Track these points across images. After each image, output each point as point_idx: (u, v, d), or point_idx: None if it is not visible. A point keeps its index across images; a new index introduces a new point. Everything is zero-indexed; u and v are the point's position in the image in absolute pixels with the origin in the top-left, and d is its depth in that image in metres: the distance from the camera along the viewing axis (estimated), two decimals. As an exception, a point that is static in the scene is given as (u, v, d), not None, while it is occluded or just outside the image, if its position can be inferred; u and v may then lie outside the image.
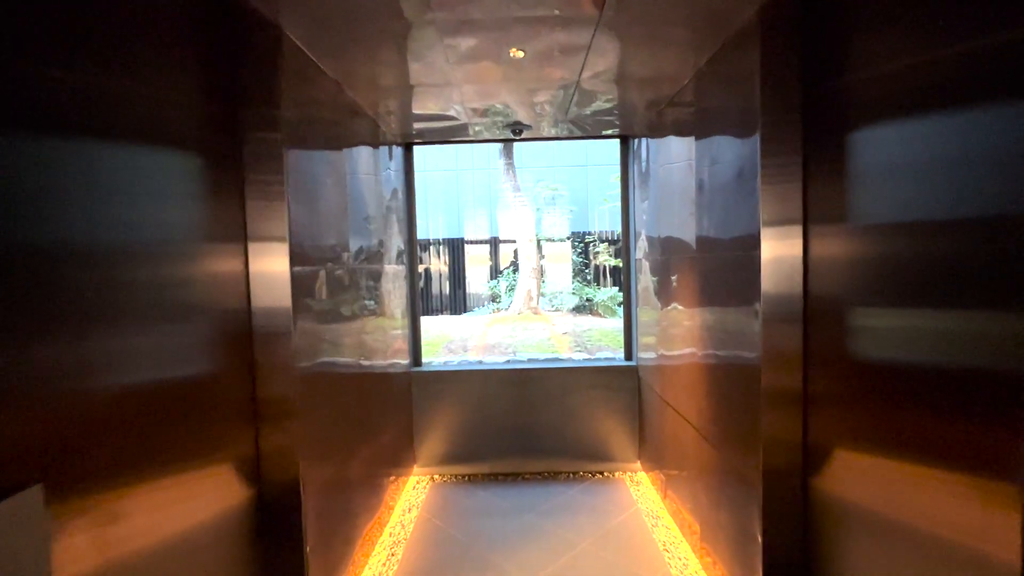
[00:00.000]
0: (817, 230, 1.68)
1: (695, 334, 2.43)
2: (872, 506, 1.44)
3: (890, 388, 1.35)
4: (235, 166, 1.67)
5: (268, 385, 1.71)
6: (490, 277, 12.60)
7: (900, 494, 1.32)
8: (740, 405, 1.94)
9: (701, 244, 2.32)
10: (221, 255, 1.58)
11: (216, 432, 1.52)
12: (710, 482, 2.29)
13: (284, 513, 1.74)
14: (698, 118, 2.37)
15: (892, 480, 1.35)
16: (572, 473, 3.54)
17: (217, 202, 1.58)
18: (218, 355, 1.54)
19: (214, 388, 1.52)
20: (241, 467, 1.65)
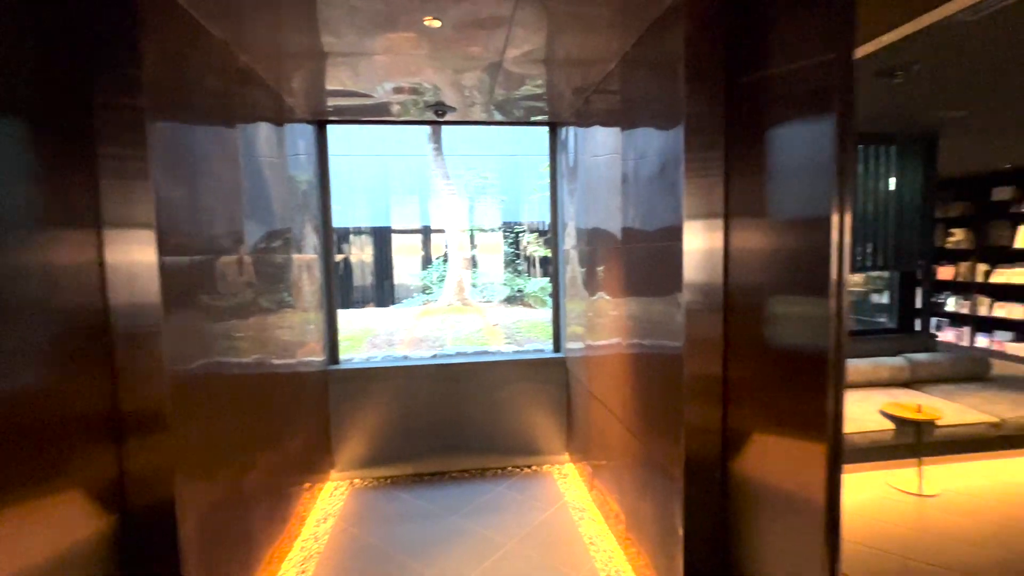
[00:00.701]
0: (736, 223, 1.68)
1: (620, 325, 2.41)
2: (773, 481, 1.54)
3: (780, 370, 1.48)
4: (85, 138, 1.37)
5: (133, 394, 1.44)
6: (422, 268, 12.25)
7: (784, 465, 1.48)
8: (663, 395, 1.93)
9: (627, 235, 2.29)
10: (63, 243, 1.29)
11: (60, 453, 1.25)
12: (634, 472, 2.28)
13: (156, 542, 1.48)
14: (624, 107, 2.32)
15: (781, 454, 1.49)
16: (500, 469, 3.46)
17: (58, 181, 1.28)
18: (61, 361, 1.26)
19: (57, 401, 1.24)
20: (97, 492, 1.37)
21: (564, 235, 3.55)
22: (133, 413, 1.45)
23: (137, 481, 1.47)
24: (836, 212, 1.23)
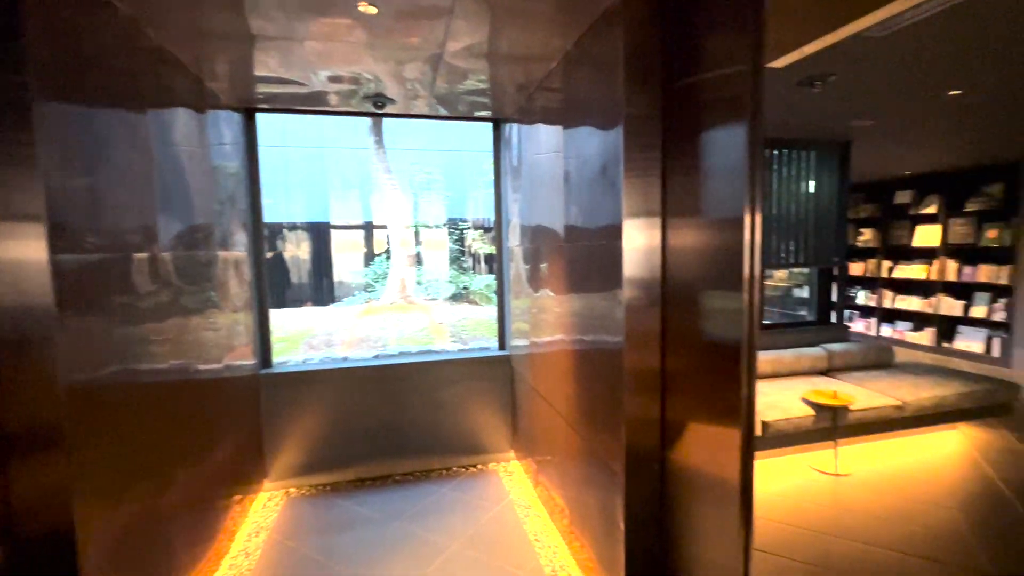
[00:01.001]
0: (673, 222, 1.73)
1: (563, 321, 2.43)
2: (701, 466, 1.63)
3: (707, 360, 1.57)
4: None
5: (18, 409, 1.27)
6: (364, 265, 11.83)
7: (709, 451, 1.58)
8: (604, 389, 1.96)
9: (569, 233, 2.31)
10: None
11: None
12: (578, 467, 2.31)
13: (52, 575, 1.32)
14: (566, 106, 2.33)
15: (707, 440, 1.59)
16: (445, 469, 3.41)
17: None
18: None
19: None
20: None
21: (508, 232, 3.54)
22: (21, 430, 1.28)
23: (28, 508, 1.30)
24: (748, 212, 1.31)
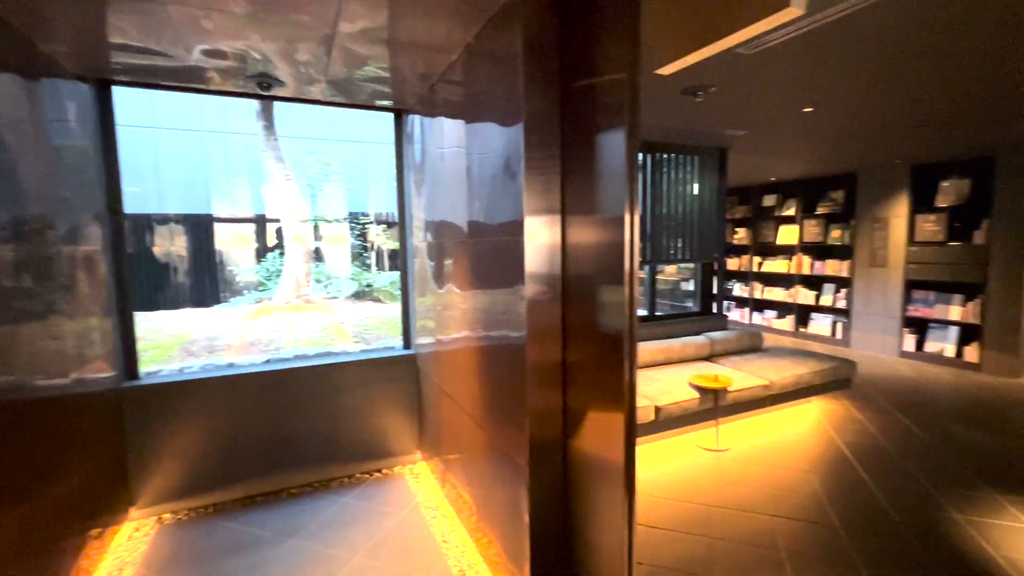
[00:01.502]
0: (572, 220, 1.78)
1: (468, 318, 2.40)
2: (595, 451, 1.71)
3: (600, 351, 1.65)
4: None
5: None
6: (256, 261, 10.81)
7: (601, 435, 1.68)
8: (509, 384, 1.97)
9: (473, 229, 2.28)
10: None
11: None
12: (484, 464, 2.31)
13: None
14: (468, 100, 2.30)
15: (600, 426, 1.68)
16: (347, 477, 3.23)
17: None
18: None
19: None
20: None
21: (412, 227, 3.43)
22: None
23: None
24: (628, 212, 1.39)
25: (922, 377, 5.53)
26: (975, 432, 3.92)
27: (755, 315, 8.41)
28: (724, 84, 2.99)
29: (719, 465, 3.41)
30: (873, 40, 2.38)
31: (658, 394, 3.53)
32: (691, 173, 4.74)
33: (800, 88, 3.11)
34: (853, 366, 4.45)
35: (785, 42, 2.36)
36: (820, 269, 7.33)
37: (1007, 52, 2.54)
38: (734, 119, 3.86)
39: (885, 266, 6.49)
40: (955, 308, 5.86)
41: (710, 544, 2.51)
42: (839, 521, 2.70)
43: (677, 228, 4.72)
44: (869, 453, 3.55)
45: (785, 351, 4.69)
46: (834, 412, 4.41)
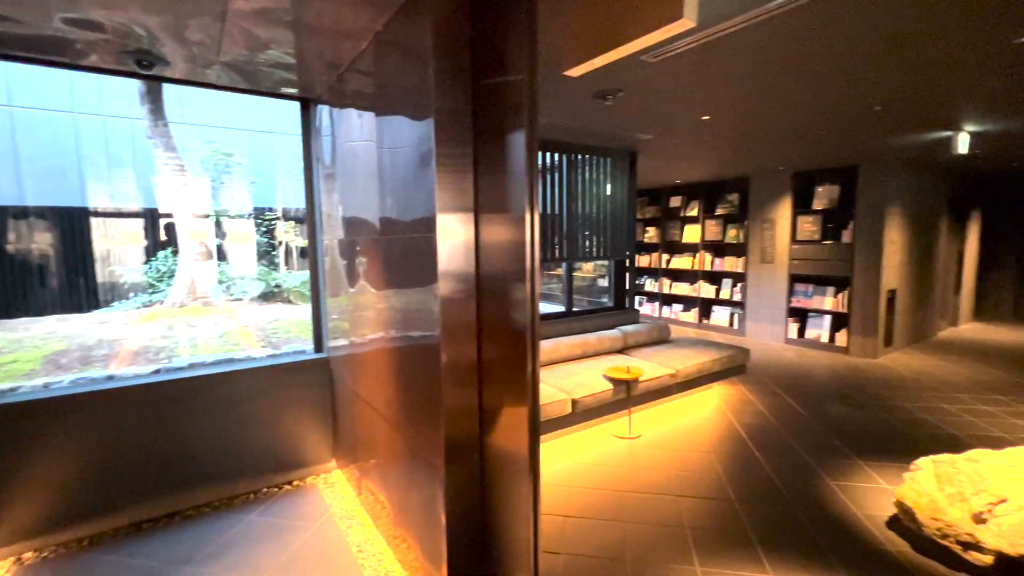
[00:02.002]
0: (485, 218, 1.77)
1: (382, 318, 2.32)
2: (506, 446, 1.74)
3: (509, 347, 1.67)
4: None
5: None
6: (144, 260, 9.66)
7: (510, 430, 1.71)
8: (424, 385, 1.93)
9: (385, 226, 2.21)
10: None
11: None
12: (401, 468, 2.24)
13: None
14: (378, 92, 2.22)
15: (510, 421, 1.71)
16: (253, 493, 3.00)
17: None
18: None
19: None
20: None
21: (322, 224, 3.25)
22: None
23: None
24: (528, 211, 1.42)
25: (803, 361, 6.22)
26: (843, 407, 4.48)
27: (665, 309, 8.98)
28: (631, 89, 3.14)
29: (632, 452, 3.60)
30: (757, 56, 2.62)
31: (575, 387, 3.65)
32: (604, 174, 4.95)
33: (698, 97, 3.35)
34: (747, 353, 4.89)
35: (683, 53, 2.52)
36: (719, 265, 7.98)
37: (861, 76, 2.91)
38: (641, 123, 4.08)
39: (773, 262, 7.21)
40: (828, 299, 6.65)
41: (623, 528, 2.63)
42: (735, 495, 2.96)
43: (592, 227, 4.90)
44: (760, 431, 3.92)
45: (690, 342, 5.05)
46: (731, 396, 4.83)
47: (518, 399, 1.59)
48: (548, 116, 3.75)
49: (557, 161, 4.63)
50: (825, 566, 2.32)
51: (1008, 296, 8.67)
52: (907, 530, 2.54)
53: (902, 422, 4.09)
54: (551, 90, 3.11)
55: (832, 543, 2.49)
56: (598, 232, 4.96)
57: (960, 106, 3.67)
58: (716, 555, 2.40)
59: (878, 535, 2.56)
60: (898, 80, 3.02)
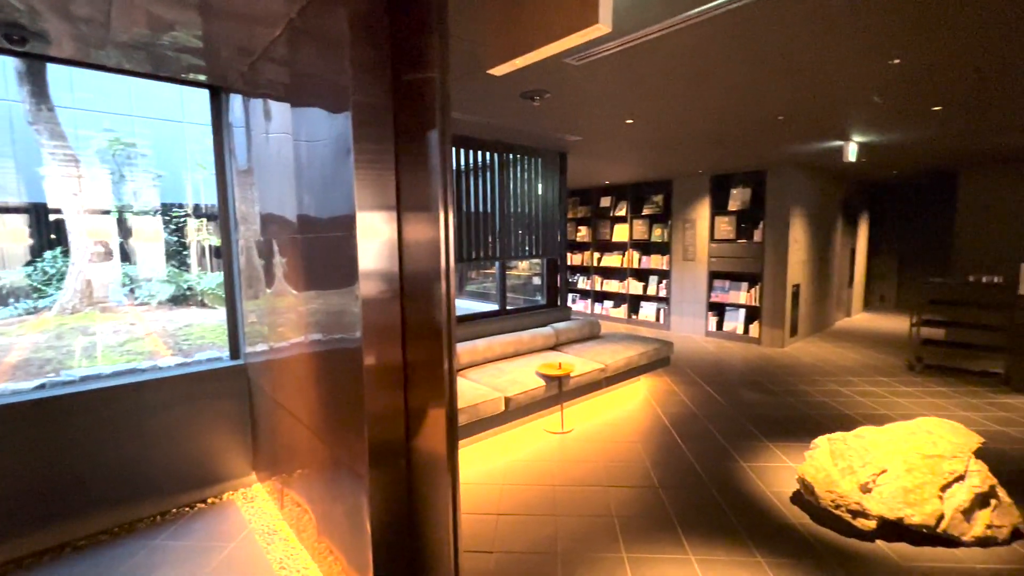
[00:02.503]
0: (408, 216, 1.73)
1: (303, 322, 2.21)
2: (429, 447, 1.73)
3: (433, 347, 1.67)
4: None
5: None
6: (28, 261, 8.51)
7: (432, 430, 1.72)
8: (346, 390, 1.85)
9: (303, 224, 2.10)
10: None
11: None
12: (324, 477, 2.15)
13: None
14: (293, 82, 2.10)
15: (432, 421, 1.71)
16: (159, 515, 2.75)
17: None
18: None
19: None
20: None
21: (237, 221, 3.04)
22: None
23: None
24: (442, 210, 1.41)
25: (721, 351, 6.66)
26: (755, 393, 4.85)
27: (597, 305, 9.27)
28: (558, 92, 3.21)
29: (564, 446, 3.68)
30: (673, 65, 2.76)
31: (508, 385, 3.67)
32: (536, 174, 5.02)
33: (621, 102, 3.48)
34: (671, 346, 5.16)
35: (605, 58, 2.61)
36: (647, 263, 8.36)
37: (766, 88, 3.16)
38: (569, 125, 4.17)
39: (694, 260, 7.66)
40: (743, 294, 7.17)
41: (555, 522, 2.69)
42: (659, 482, 3.11)
43: (524, 226, 4.96)
44: (683, 420, 4.15)
45: (618, 337, 5.25)
46: (657, 387, 5.07)
47: (436, 399, 1.57)
48: (477, 114, 3.74)
49: (488, 160, 4.63)
50: (737, 541, 2.49)
51: (891, 289, 9.79)
52: (807, 503, 2.79)
53: (805, 405, 4.49)
54: (478, 88, 3.10)
55: (743, 520, 2.68)
56: (530, 231, 5.02)
57: (848, 119, 4.08)
58: (641, 541, 2.51)
59: (783, 509, 2.79)
60: (796, 93, 3.30)
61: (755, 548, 2.44)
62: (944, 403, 4.48)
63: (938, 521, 2.42)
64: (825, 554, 2.39)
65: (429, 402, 1.68)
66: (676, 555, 2.39)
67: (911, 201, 9.27)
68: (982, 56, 2.66)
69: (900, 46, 2.51)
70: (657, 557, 2.38)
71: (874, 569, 2.29)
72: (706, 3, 2.00)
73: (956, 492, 2.48)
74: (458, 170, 4.43)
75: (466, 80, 2.92)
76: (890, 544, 2.46)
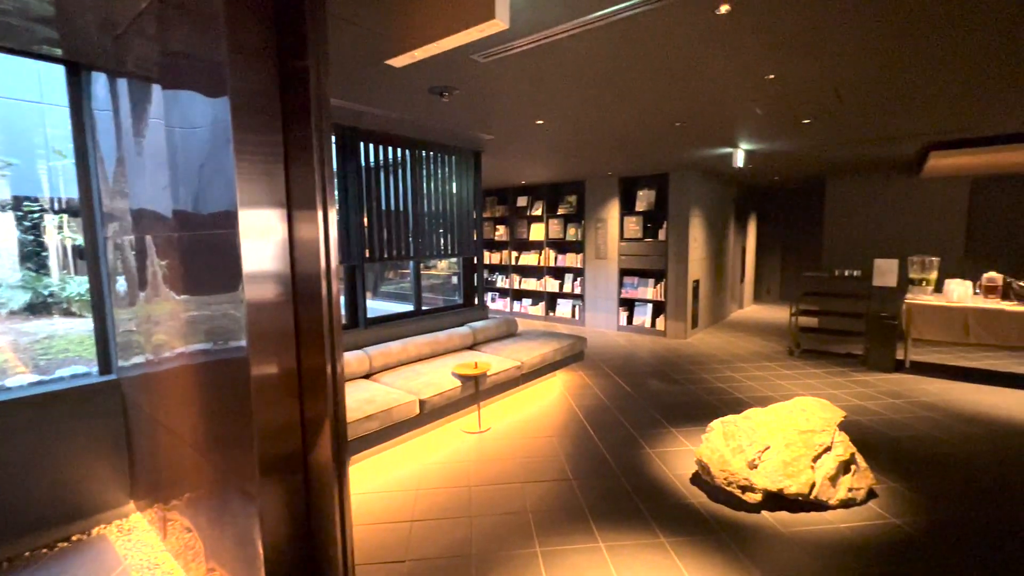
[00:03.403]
0: (299, 214, 1.61)
1: (183, 330, 1.99)
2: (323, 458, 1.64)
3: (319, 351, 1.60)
4: None
5: None
6: None
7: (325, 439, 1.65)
8: (233, 403, 1.69)
9: (181, 220, 1.88)
10: None
11: None
12: (213, 499, 1.95)
13: None
14: (166, 62, 1.88)
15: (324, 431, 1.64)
16: (5, 561, 2.35)
17: None
18: None
19: None
20: None
21: (104, 217, 2.68)
22: None
23: None
24: (321, 208, 1.35)
25: (631, 344, 7.03)
26: (660, 382, 5.17)
27: (515, 304, 9.39)
28: (467, 89, 3.18)
29: (481, 446, 3.67)
30: (578, 67, 2.84)
31: (423, 387, 3.59)
32: (450, 171, 4.95)
33: (530, 102, 3.53)
34: (584, 341, 5.35)
35: (511, 57, 2.62)
36: (562, 261, 8.61)
37: (663, 95, 3.36)
38: (481, 123, 4.16)
39: (606, 258, 8.01)
40: (650, 289, 7.62)
41: (470, 524, 2.66)
42: (572, 474, 3.20)
43: (439, 224, 4.87)
44: (595, 412, 4.32)
45: (535, 334, 5.34)
46: (572, 381, 5.23)
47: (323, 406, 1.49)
48: (386, 108, 3.61)
49: (401, 157, 4.50)
50: (642, 525, 2.62)
51: (776, 283, 10.91)
52: (704, 483, 3.02)
53: (704, 391, 4.86)
54: (384, 81, 2.99)
55: (648, 503, 2.83)
56: (446, 230, 4.95)
57: (736, 128, 4.47)
58: (555, 533, 2.56)
59: (683, 490, 2.99)
60: (690, 102, 3.54)
61: (659, 529, 2.58)
62: (816, 383, 5.06)
63: (811, 489, 2.71)
64: (719, 529, 2.59)
65: (325, 410, 1.58)
66: (587, 544, 2.46)
67: (791, 203, 10.40)
68: (839, 78, 3.02)
69: (773, 64, 2.78)
70: (569, 548, 2.43)
71: (760, 537, 2.51)
72: (601, 9, 2.07)
73: (825, 462, 2.80)
74: (368, 167, 4.26)
75: (369, 71, 2.79)
76: (773, 514, 2.72)
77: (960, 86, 3.21)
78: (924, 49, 2.57)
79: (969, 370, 5.45)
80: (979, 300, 5.11)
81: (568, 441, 3.72)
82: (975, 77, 3.04)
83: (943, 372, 5.37)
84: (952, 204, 7.14)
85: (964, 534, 2.53)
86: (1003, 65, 2.82)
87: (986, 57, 2.70)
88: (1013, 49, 2.58)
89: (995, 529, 2.57)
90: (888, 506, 2.79)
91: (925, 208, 7.31)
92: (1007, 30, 2.35)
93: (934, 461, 3.33)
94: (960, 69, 2.88)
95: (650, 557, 2.36)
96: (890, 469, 3.20)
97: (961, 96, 3.46)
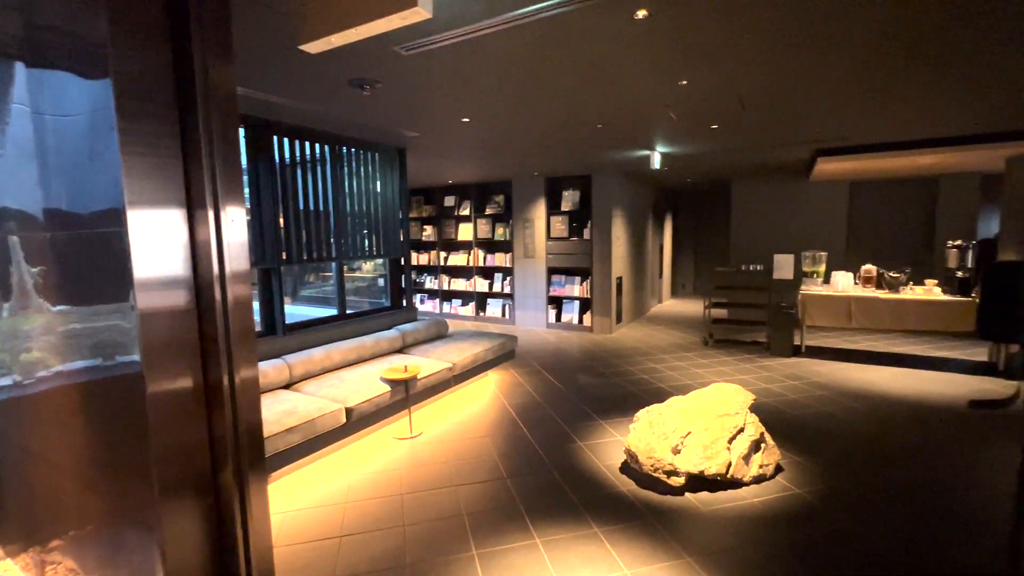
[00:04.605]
0: (198, 213, 1.45)
1: (63, 345, 1.73)
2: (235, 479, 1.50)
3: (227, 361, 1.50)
4: None
5: None
6: None
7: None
8: (126, 425, 1.49)
9: (55, 219, 1.64)
10: None
11: None
12: (104, 537, 1.72)
13: None
14: (31, 36, 1.62)
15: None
16: None
17: None
18: None
19: None
20: None
21: (-46, 218, 2.27)
22: None
23: None
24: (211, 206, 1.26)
25: (560, 341, 7.19)
26: (589, 377, 5.33)
27: (445, 305, 9.26)
28: (390, 82, 3.07)
29: (413, 452, 3.57)
30: (502, 65, 2.84)
31: (349, 395, 3.42)
32: (374, 169, 4.77)
33: (455, 98, 3.48)
34: (515, 340, 5.38)
35: (435, 51, 2.56)
36: (491, 261, 8.62)
37: (584, 97, 3.45)
38: (405, 119, 4.05)
39: (534, 257, 8.13)
40: (577, 287, 7.83)
41: (403, 532, 2.57)
42: (506, 472, 3.20)
43: (363, 224, 4.68)
44: (528, 409, 4.36)
45: (466, 335, 5.29)
46: (504, 380, 5.25)
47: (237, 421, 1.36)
48: (301, 100, 3.40)
49: (320, 153, 4.26)
50: (576, 517, 2.68)
51: (690, 278, 11.67)
52: (633, 470, 3.14)
53: (629, 383, 5.07)
54: (300, 70, 2.81)
55: (581, 495, 2.90)
56: (370, 230, 4.77)
57: (652, 130, 4.70)
58: (491, 534, 2.54)
59: (613, 479, 3.09)
60: (611, 104, 3.67)
61: (592, 520, 2.65)
62: (728, 369, 5.47)
63: (728, 468, 2.91)
64: (647, 514, 2.71)
65: (233, 426, 1.44)
66: (524, 542, 2.47)
67: (702, 204, 11.16)
68: (742, 87, 3.27)
69: (686, 70, 2.95)
70: (506, 548, 2.43)
71: (684, 518, 2.66)
72: (523, 7, 2.07)
73: (739, 442, 3.02)
74: (284, 163, 3.99)
75: (282, 58, 2.61)
76: (695, 495, 2.89)
77: (841, 98, 3.60)
78: (809, 65, 2.85)
79: (853, 351, 6.14)
80: (859, 289, 5.78)
81: (501, 440, 3.72)
82: (852, 91, 3.42)
83: (833, 354, 6.02)
84: (835, 204, 8.04)
85: (855, 498, 2.84)
86: (872, 80, 3.19)
87: (859, 74, 3.04)
88: (880, 68, 2.93)
89: (880, 491, 2.91)
90: (793, 479, 3.07)
91: (815, 207, 8.16)
92: (875, 51, 2.66)
93: (828, 434, 3.71)
94: (839, 83, 3.23)
95: (584, 548, 2.41)
96: (793, 444, 3.52)
97: (842, 107, 3.88)
